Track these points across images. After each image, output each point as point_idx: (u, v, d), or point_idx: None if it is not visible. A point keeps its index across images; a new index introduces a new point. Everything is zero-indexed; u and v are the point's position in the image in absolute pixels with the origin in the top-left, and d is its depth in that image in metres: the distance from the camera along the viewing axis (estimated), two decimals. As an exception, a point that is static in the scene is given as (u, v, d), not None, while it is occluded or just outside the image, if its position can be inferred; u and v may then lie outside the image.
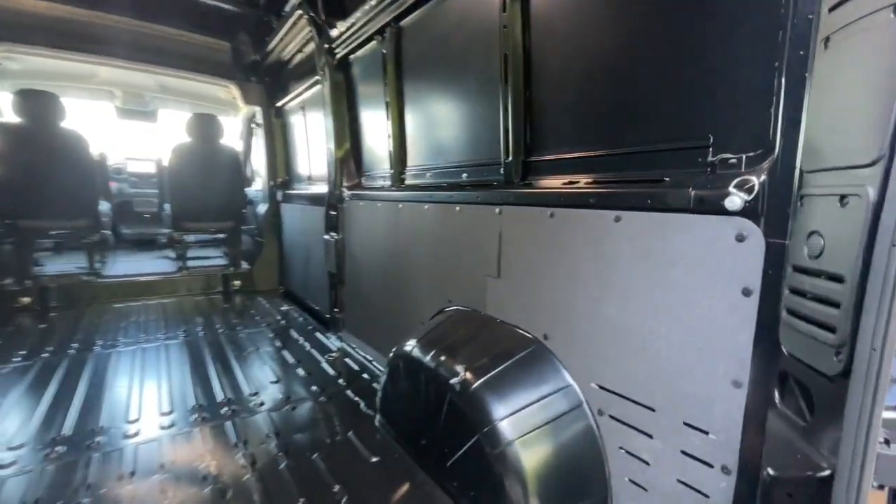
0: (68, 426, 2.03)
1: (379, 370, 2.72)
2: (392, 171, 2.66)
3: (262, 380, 2.59)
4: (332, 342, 3.26)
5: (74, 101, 4.27)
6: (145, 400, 2.32)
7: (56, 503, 1.53)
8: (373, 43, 2.66)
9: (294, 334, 3.45)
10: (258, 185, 5.41)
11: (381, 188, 2.82)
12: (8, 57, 3.74)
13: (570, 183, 1.55)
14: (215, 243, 5.29)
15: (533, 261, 1.61)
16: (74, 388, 2.43)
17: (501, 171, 1.83)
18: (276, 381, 2.57)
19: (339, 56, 3.06)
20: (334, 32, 2.98)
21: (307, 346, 3.20)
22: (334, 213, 3.29)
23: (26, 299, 3.84)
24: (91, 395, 2.34)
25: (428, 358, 1.70)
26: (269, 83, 4.68)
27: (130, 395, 2.37)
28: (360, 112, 3.13)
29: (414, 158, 2.54)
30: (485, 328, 1.77)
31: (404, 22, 2.39)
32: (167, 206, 4.62)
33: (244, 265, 4.92)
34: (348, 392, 2.44)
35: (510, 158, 1.78)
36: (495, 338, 1.70)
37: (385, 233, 2.68)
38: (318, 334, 3.44)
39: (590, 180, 1.51)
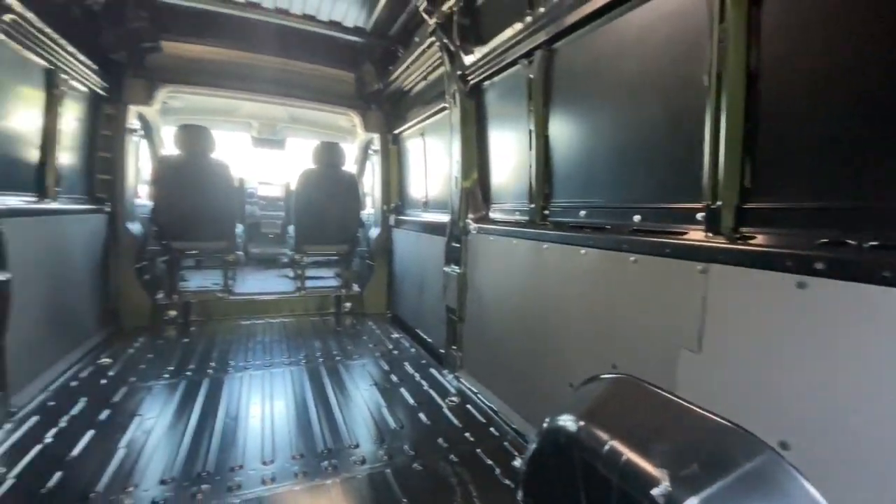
0: (211, 461, 2.03)
1: (506, 425, 2.44)
2: (532, 206, 2.40)
3: (385, 423, 2.45)
4: (450, 382, 3.06)
5: (220, 132, 4.70)
6: (277, 437, 2.28)
7: None
8: (516, 67, 2.46)
9: (409, 368, 3.32)
10: (370, 209, 5.54)
11: (517, 223, 2.57)
12: (172, 97, 4.21)
13: (830, 244, 1.15)
14: (329, 264, 5.48)
15: (763, 340, 1.23)
16: (213, 411, 2.49)
17: (702, 217, 1.47)
18: (402, 428, 2.41)
19: (472, 82, 2.92)
20: (469, 59, 2.85)
21: (424, 384, 3.04)
22: (457, 244, 3.13)
23: (173, 312, 4.22)
24: (228, 425, 2.37)
25: (604, 447, 1.38)
26: (388, 110, 4.76)
27: (264, 430, 2.34)
28: (492, 140, 2.95)
29: (562, 193, 2.26)
30: (683, 416, 1.40)
31: (559, 44, 2.15)
32: (290, 228, 4.87)
33: (355, 287, 5.01)
34: (479, 451, 2.19)
35: (718, 203, 1.42)
36: (701, 433, 1.33)
37: (522, 273, 2.42)
38: (434, 371, 3.27)
39: (862, 240, 1.10)
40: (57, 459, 1.98)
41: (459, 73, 2.95)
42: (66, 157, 3.17)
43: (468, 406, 2.70)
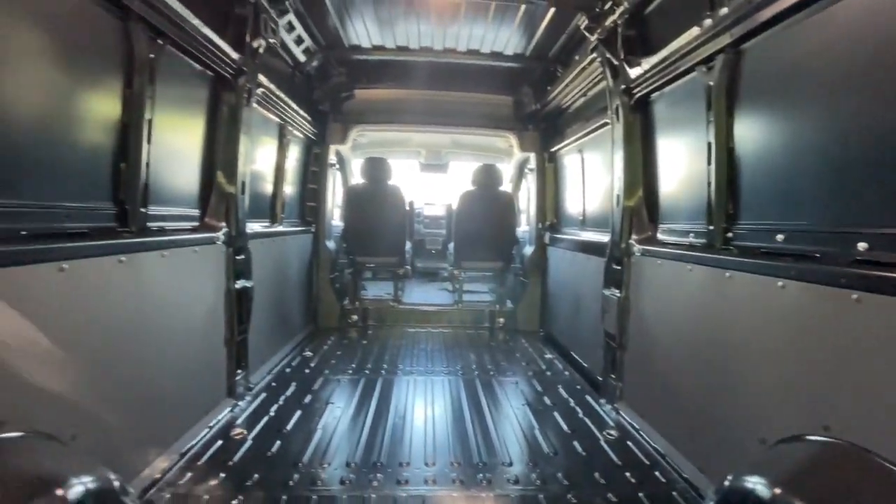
0: (384, 453, 2.32)
1: (675, 472, 2.17)
2: (711, 228, 2.13)
3: (538, 446, 2.44)
4: (607, 413, 2.88)
5: (395, 161, 5.38)
6: (415, 444, 2.44)
7: None
8: (692, 75, 2.24)
9: (562, 392, 3.24)
10: (524, 227, 5.61)
11: (691, 247, 2.31)
12: (361, 135, 5.00)
13: None
14: (485, 280, 5.72)
15: None
16: (386, 408, 2.84)
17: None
18: (555, 454, 2.37)
19: (637, 95, 2.76)
20: (634, 72, 2.69)
21: (578, 411, 2.92)
22: (618, 266, 2.95)
23: (355, 317, 4.96)
24: (378, 423, 2.64)
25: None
26: (544, 129, 4.79)
27: (405, 434, 2.55)
28: (661, 155, 2.72)
29: (750, 213, 1.96)
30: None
31: (746, 45, 1.89)
32: (451, 245, 5.26)
33: (508, 303, 5.11)
34: (642, 496, 2.01)
35: None
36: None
37: (697, 303, 2.16)
38: (589, 398, 3.12)
39: None
40: (277, 430, 2.52)
41: (623, 87, 2.82)
42: (288, 189, 4.05)
43: (628, 442, 2.50)
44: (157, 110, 2.05)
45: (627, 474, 2.18)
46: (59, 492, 1.21)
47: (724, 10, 1.90)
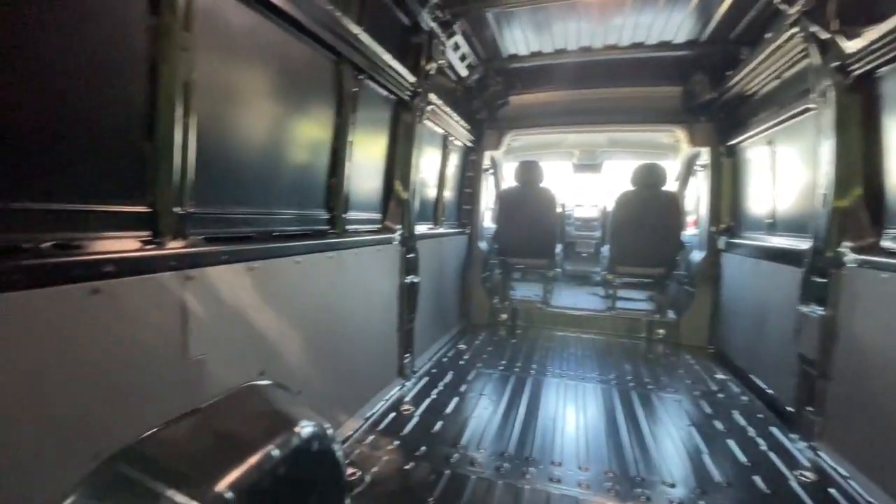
0: (536, 449, 2.39)
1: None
2: None
3: (706, 472, 2.22)
4: (801, 452, 2.43)
5: (547, 163, 5.36)
6: (567, 445, 2.45)
7: None
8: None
9: (739, 418, 2.85)
10: (692, 230, 5.04)
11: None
12: (514, 139, 5.13)
13: None
14: (641, 287, 5.32)
15: None
16: (536, 407, 2.91)
17: None
18: (728, 485, 2.12)
19: (856, 73, 2.27)
20: (852, 45, 2.23)
21: (761, 443, 2.54)
22: (821, 279, 2.47)
23: (504, 315, 5.12)
24: (532, 420, 2.72)
25: None
26: (721, 120, 4.23)
27: (557, 434, 2.58)
28: (891, 145, 2.19)
29: None
30: None
31: None
32: (605, 249, 5.02)
33: (670, 314, 4.66)
34: (849, 555, 1.68)
35: None
36: None
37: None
38: (775, 430, 2.68)
39: None
40: (438, 411, 2.80)
41: (836, 64, 2.35)
42: (447, 194, 4.42)
43: (831, 490, 2.09)
44: (357, 133, 2.50)
45: (828, 527, 1.84)
46: (297, 428, 1.60)
47: None
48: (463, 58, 3.85)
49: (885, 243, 2.20)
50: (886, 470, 1.97)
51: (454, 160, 4.57)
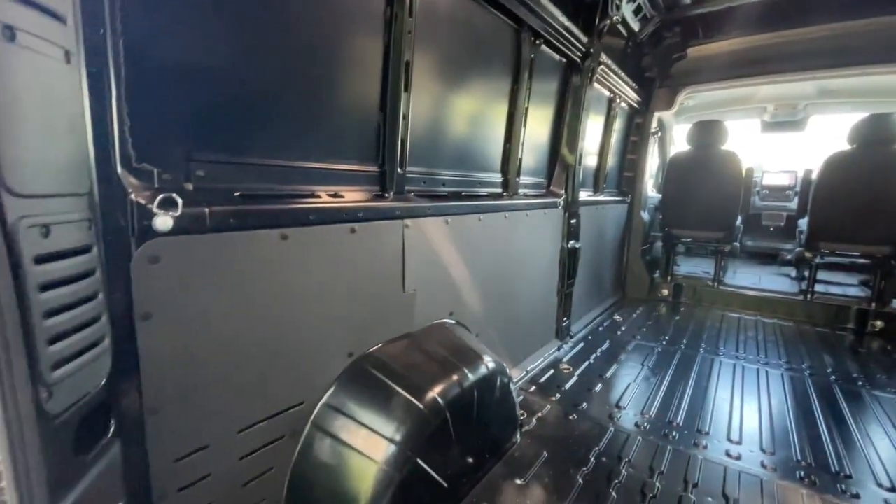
0: (680, 415, 2.31)
1: None
2: None
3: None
4: None
5: (730, 122, 4.68)
6: (747, 426, 2.27)
7: (656, 475, 1.81)
8: None
9: None
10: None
11: None
12: (689, 97, 4.60)
13: None
14: (854, 269, 4.38)
15: None
16: (705, 385, 2.73)
17: None
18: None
19: None
20: None
21: None
22: None
23: (665, 291, 4.77)
24: (703, 397, 2.57)
25: None
26: None
27: (734, 413, 2.40)
28: None
29: None
30: None
31: None
32: (802, 222, 4.25)
33: (894, 303, 3.76)
34: None
35: None
36: None
37: None
38: None
39: None
40: (597, 374, 2.85)
41: None
42: (610, 161, 4.24)
43: None
44: (530, 100, 2.60)
45: None
46: (484, 361, 1.85)
47: None
48: (638, 10, 3.58)
49: None
50: None
51: (618, 124, 4.33)
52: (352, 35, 1.54)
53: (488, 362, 1.85)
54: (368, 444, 1.39)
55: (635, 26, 3.77)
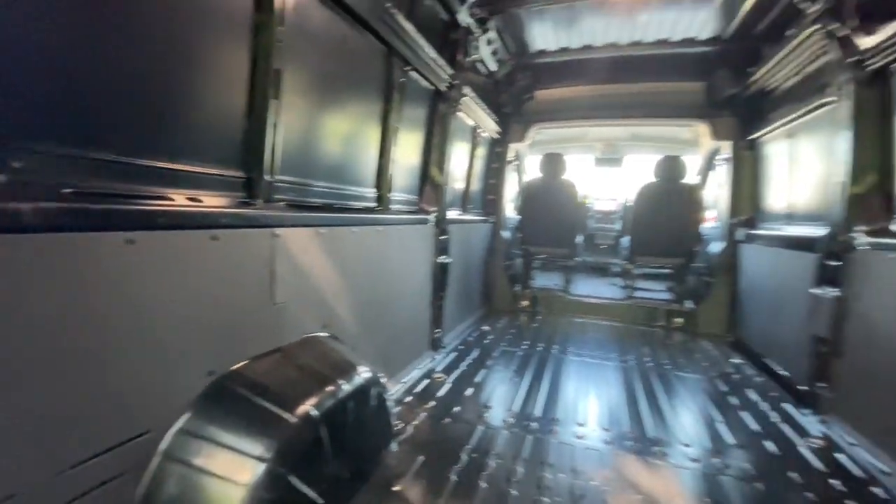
0: (538, 408, 2.65)
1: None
2: None
3: (720, 436, 2.41)
4: (812, 425, 2.60)
5: (570, 156, 5.53)
6: (590, 411, 2.69)
7: (519, 462, 2.05)
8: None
9: (752, 396, 3.01)
10: (711, 223, 5.16)
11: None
12: (539, 132, 5.32)
13: None
14: (661, 277, 5.47)
15: None
16: (559, 381, 3.12)
17: None
18: (741, 447, 2.31)
19: (871, 68, 2.42)
20: (868, 41, 2.38)
21: (773, 415, 2.71)
22: (836, 262, 2.62)
23: (525, 302, 5.32)
24: (556, 390, 2.95)
25: None
26: (743, 115, 4.35)
27: (579, 401, 2.81)
28: (904, 134, 2.34)
29: None
30: None
31: None
32: (624, 240, 5.19)
33: (688, 304, 4.80)
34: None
35: None
36: None
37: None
38: (788, 406, 2.84)
39: None
40: (469, 380, 3.04)
41: (853, 59, 2.50)
42: (474, 184, 4.64)
43: (837, 455, 2.26)
44: (401, 121, 2.74)
45: (833, 482, 2.02)
46: (359, 371, 1.85)
47: None
48: (494, 53, 4.06)
49: (895, 227, 2.35)
50: (893, 436, 2.13)
51: (481, 152, 4.78)
52: (216, 35, 1.47)
53: (363, 373, 1.85)
54: (233, 467, 1.28)
55: (493, 67, 4.26)
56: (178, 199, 1.36)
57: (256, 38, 1.58)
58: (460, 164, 4.30)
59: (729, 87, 4.22)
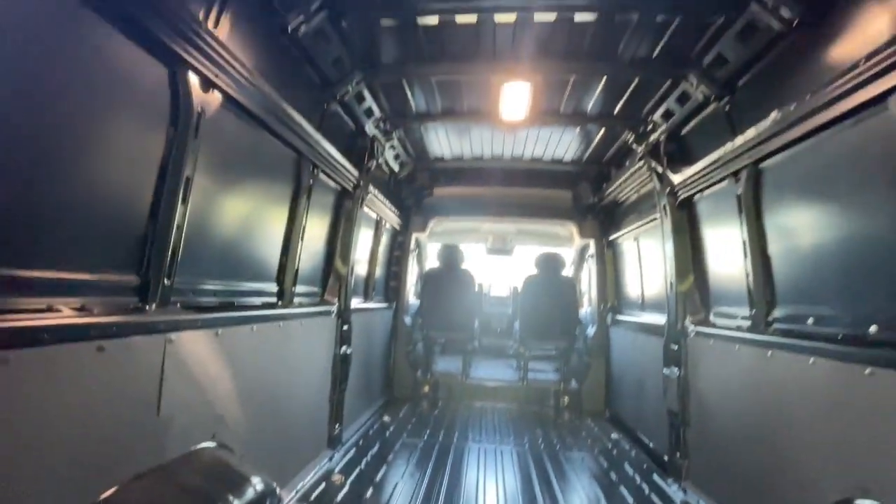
0: (440, 502, 2.67)
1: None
2: (754, 312, 2.43)
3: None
4: (676, 493, 2.96)
5: (465, 246, 6.05)
6: (489, 499, 2.78)
7: None
8: (724, 184, 2.69)
9: (628, 470, 3.35)
10: (587, 308, 5.90)
11: (738, 328, 2.59)
12: (438, 224, 5.78)
13: None
14: (549, 359, 5.95)
15: None
16: (459, 472, 3.15)
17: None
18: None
19: (681, 197, 3.22)
20: (676, 178, 3.19)
21: (645, 488, 3.03)
22: (676, 346, 3.20)
23: (426, 388, 5.35)
24: (457, 481, 3.00)
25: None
26: (602, 220, 5.28)
27: (479, 493, 2.88)
28: (707, 248, 3.09)
29: (785, 300, 2.27)
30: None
31: (765, 164, 2.34)
32: (516, 324, 5.64)
33: (573, 383, 5.27)
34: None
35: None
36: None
37: (746, 380, 2.39)
38: (657, 478, 3.21)
39: None
40: (368, 480, 2.93)
41: (668, 189, 3.30)
42: (377, 271, 4.79)
43: (695, 520, 2.60)
44: (308, 218, 2.86)
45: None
46: (251, 485, 1.75)
47: (745, 137, 2.38)
48: (397, 157, 4.50)
49: (712, 318, 3.01)
50: (728, 496, 2.53)
51: (384, 241, 5.03)
52: (125, 144, 1.51)
53: (256, 485, 1.75)
54: None
55: (396, 167, 4.68)
56: (64, 310, 1.28)
57: (170, 149, 1.64)
58: (364, 253, 4.46)
59: (589, 197, 5.16)
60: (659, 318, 3.64)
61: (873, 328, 1.73)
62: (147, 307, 1.59)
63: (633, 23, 2.34)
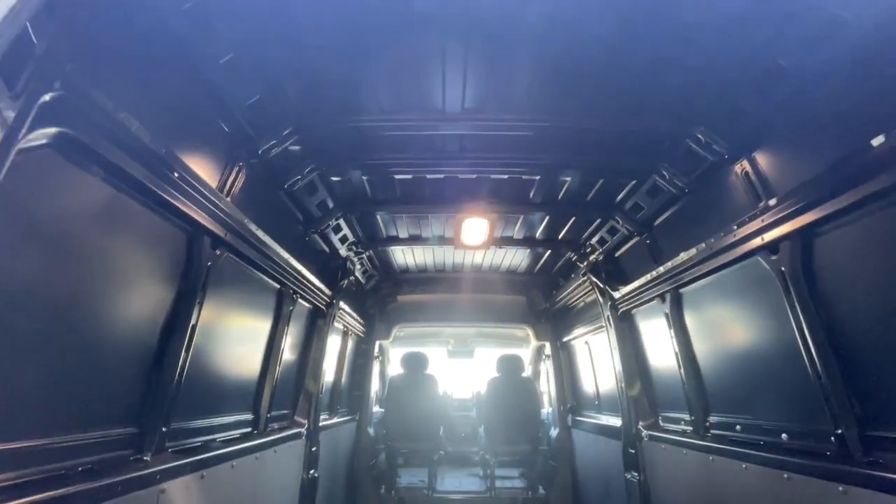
0: None
1: None
2: (693, 418, 2.76)
3: None
4: None
5: (427, 349, 6.19)
6: None
7: None
8: (654, 302, 3.17)
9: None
10: (548, 408, 6.05)
11: (683, 433, 2.89)
12: (401, 330, 5.95)
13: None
14: (515, 464, 5.89)
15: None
16: None
17: (834, 440, 1.76)
18: None
19: (622, 310, 3.68)
20: (616, 294, 3.68)
21: None
22: (633, 450, 3.42)
23: (391, 507, 5.07)
24: None
25: None
26: (556, 323, 5.70)
27: None
28: (649, 356, 3.49)
29: (717, 408, 2.62)
30: None
31: (684, 290, 2.84)
32: (480, 430, 5.65)
33: (541, 490, 5.21)
34: None
35: (840, 430, 1.73)
36: None
37: (696, 485, 2.63)
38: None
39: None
40: None
41: (609, 303, 3.77)
42: (343, 380, 4.79)
43: None
44: (286, 342, 3.00)
45: None
46: None
47: (664, 267, 2.90)
48: (365, 272, 4.80)
49: (661, 423, 3.30)
50: None
51: (350, 350, 5.10)
52: (142, 304, 1.69)
53: None
54: None
55: (363, 280, 4.96)
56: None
57: (179, 302, 1.83)
58: (331, 364, 4.50)
59: (542, 303, 5.61)
60: (615, 420, 3.88)
61: (784, 436, 2.08)
62: (144, 457, 1.65)
63: (568, 182, 2.93)
